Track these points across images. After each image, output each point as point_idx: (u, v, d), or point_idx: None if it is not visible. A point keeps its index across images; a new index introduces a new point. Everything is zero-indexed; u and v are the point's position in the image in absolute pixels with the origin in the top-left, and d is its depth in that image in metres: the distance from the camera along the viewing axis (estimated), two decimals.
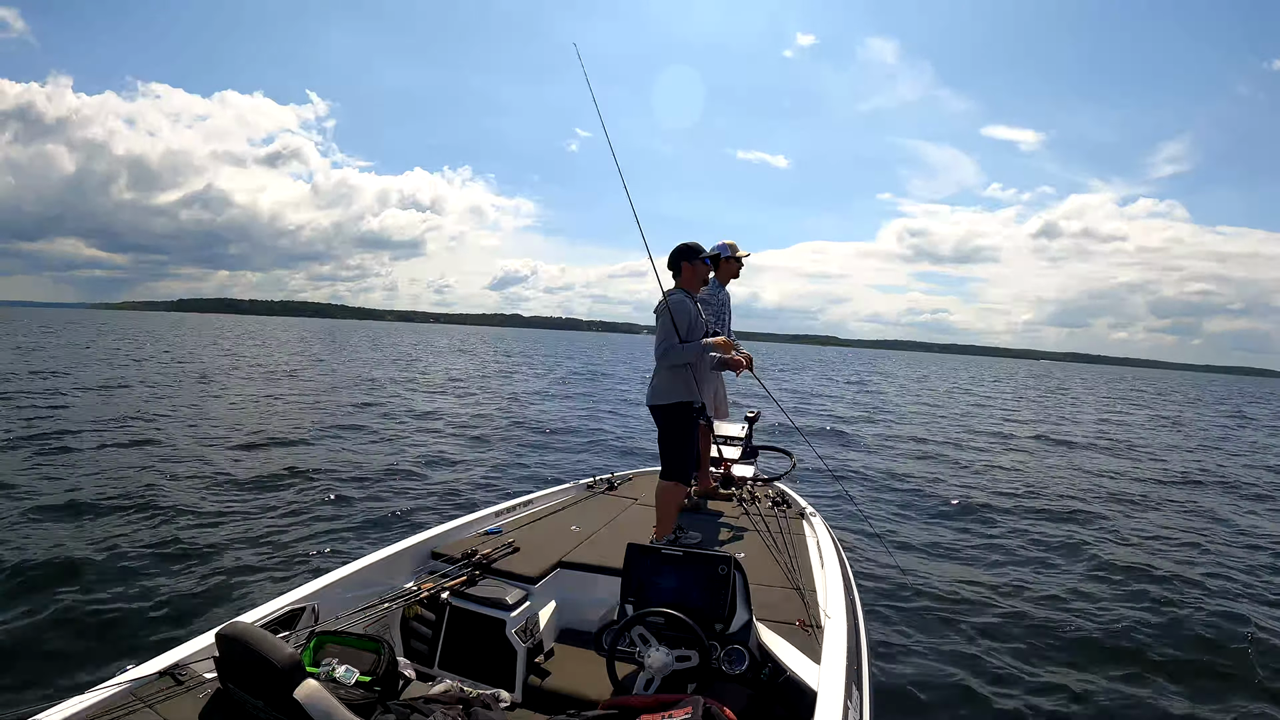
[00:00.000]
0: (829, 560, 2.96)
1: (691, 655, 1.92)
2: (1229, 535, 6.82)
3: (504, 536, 3.13)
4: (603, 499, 4.12)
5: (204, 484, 6.93)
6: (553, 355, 45.62)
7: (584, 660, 2.47)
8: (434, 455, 9.13)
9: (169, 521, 5.61)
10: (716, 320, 4.10)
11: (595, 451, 10.07)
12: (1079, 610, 4.60)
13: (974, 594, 4.81)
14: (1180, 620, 4.48)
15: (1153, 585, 5.10)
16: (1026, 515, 7.11)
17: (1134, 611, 4.61)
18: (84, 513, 5.71)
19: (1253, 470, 11.56)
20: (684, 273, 3.45)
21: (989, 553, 5.75)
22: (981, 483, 8.78)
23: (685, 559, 2.12)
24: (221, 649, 1.60)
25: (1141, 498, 8.54)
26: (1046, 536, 6.34)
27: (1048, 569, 5.42)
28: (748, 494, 4.10)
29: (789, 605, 2.54)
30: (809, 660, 1.99)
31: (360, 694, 1.70)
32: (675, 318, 3.24)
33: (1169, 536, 6.58)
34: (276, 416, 11.83)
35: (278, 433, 10.31)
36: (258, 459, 8.33)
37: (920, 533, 6.26)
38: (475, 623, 2.55)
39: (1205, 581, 5.22)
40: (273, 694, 1.47)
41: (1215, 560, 5.85)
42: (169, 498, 6.33)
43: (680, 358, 3.29)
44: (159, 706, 1.64)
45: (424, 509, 6.44)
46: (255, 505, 6.28)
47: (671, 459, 3.38)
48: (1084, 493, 8.51)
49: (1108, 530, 6.69)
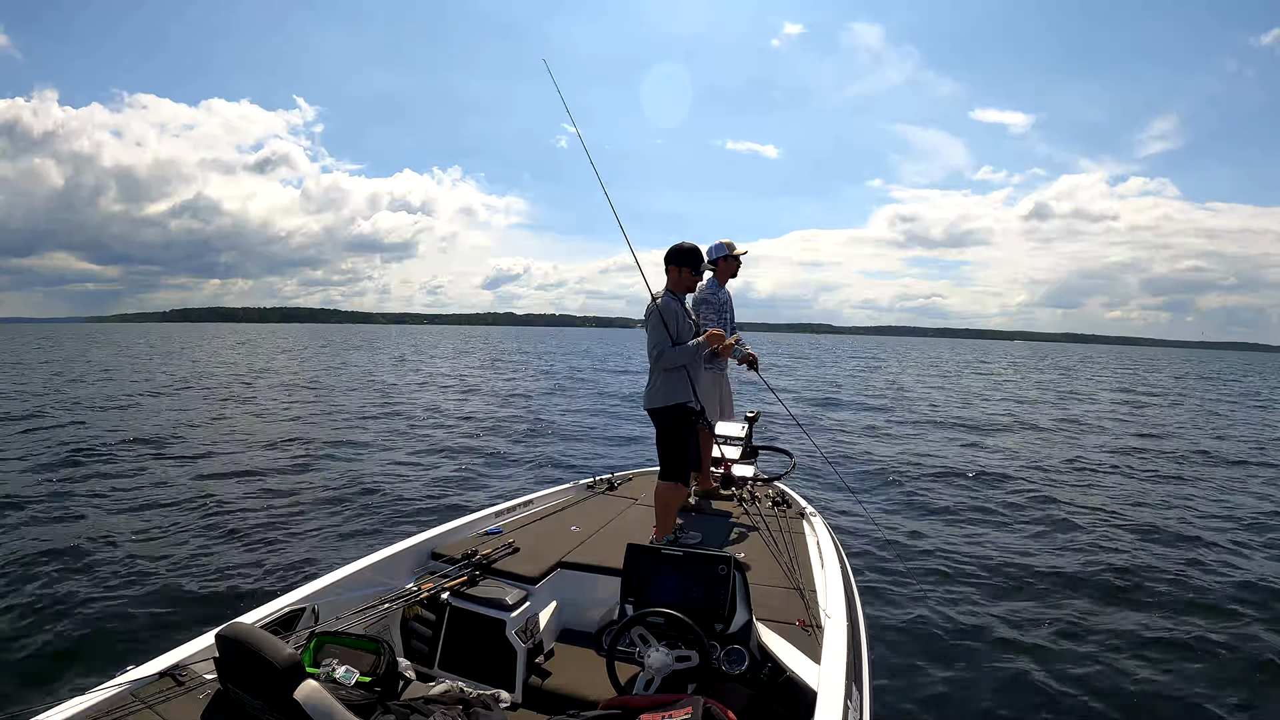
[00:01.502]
0: (829, 560, 2.96)
1: (691, 655, 1.92)
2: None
3: (504, 537, 3.13)
4: (603, 499, 4.12)
5: (204, 485, 6.94)
6: (550, 353, 45.58)
7: (584, 660, 2.47)
8: (434, 455, 9.13)
9: (169, 522, 5.61)
10: (718, 319, 4.10)
11: (595, 451, 10.07)
12: (1080, 610, 4.59)
13: (975, 594, 4.81)
14: (1186, 623, 4.48)
15: (1163, 584, 5.10)
16: (1030, 515, 7.10)
17: (1136, 611, 4.61)
18: (84, 515, 5.71)
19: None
20: (670, 275, 3.46)
21: (990, 553, 5.74)
22: (984, 480, 8.77)
23: (685, 559, 2.12)
24: (221, 649, 1.61)
25: (1170, 497, 8.12)
26: (1049, 536, 6.33)
27: (1050, 568, 5.41)
28: (748, 494, 4.09)
29: (789, 605, 2.54)
30: (809, 660, 1.99)
31: (360, 694, 1.71)
32: (665, 321, 3.25)
33: (1193, 537, 6.41)
34: (276, 419, 11.83)
35: (277, 435, 10.31)
36: (257, 460, 8.34)
37: (921, 532, 6.25)
38: (475, 623, 2.55)
39: (1218, 590, 5.15)
40: (272, 695, 1.47)
41: (1227, 571, 5.82)
42: (169, 500, 6.33)
43: (674, 360, 3.29)
44: (159, 707, 1.64)
45: (424, 509, 6.45)
46: (255, 506, 6.28)
47: (670, 460, 3.38)
48: (1097, 489, 8.45)
49: (1118, 530, 6.64)
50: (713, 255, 4.12)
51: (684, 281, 3.48)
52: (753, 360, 4.21)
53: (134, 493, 6.45)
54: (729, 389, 4.45)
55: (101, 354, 28.14)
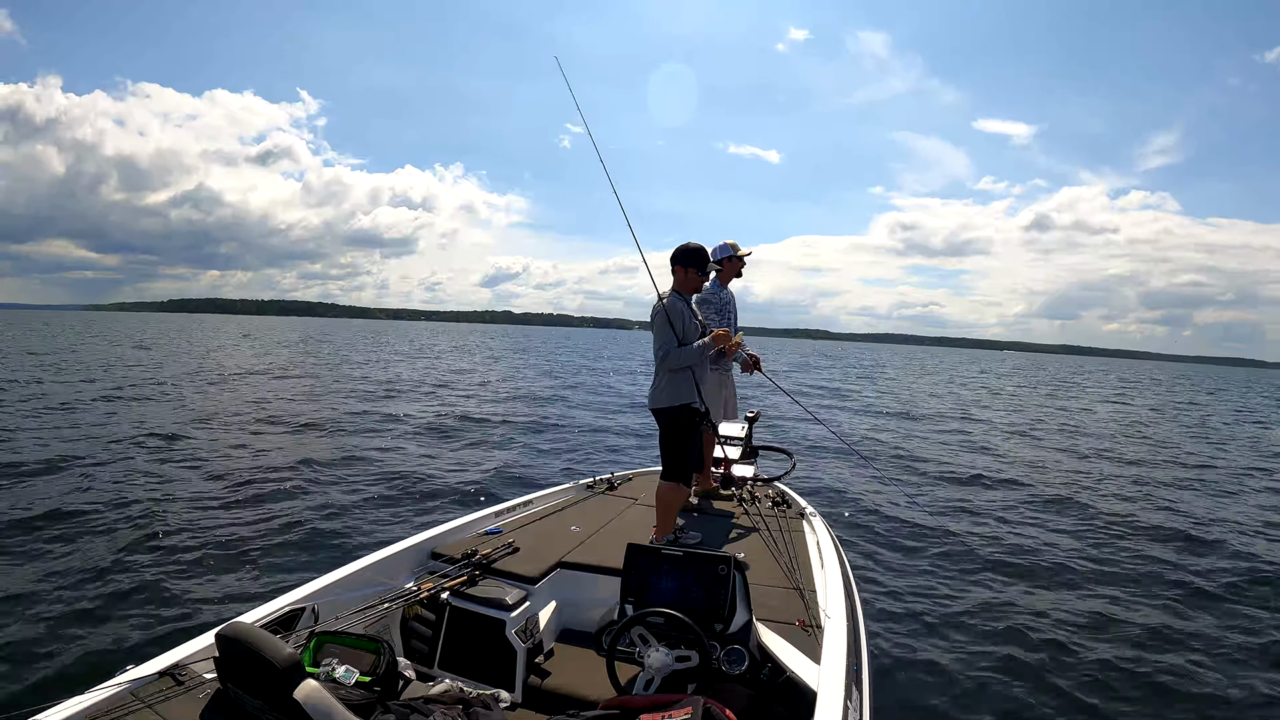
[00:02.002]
0: (829, 560, 2.96)
1: (691, 655, 1.92)
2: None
3: (504, 537, 3.13)
4: (603, 499, 4.12)
5: (203, 484, 6.93)
6: (552, 353, 45.58)
7: (584, 660, 2.47)
8: (433, 455, 9.13)
9: (169, 522, 5.61)
10: (720, 319, 4.11)
11: (595, 451, 10.07)
12: (1082, 610, 4.59)
13: (975, 593, 4.81)
14: (1187, 623, 4.48)
15: (1163, 585, 5.10)
16: (1031, 515, 7.10)
17: (1136, 611, 4.61)
18: (83, 513, 5.71)
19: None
20: (676, 275, 3.47)
21: (990, 552, 5.74)
22: (985, 479, 8.77)
23: (685, 559, 2.12)
24: (221, 649, 1.61)
25: (1175, 502, 8.15)
26: (1050, 537, 6.34)
27: (1052, 569, 5.41)
28: (748, 494, 4.10)
29: (789, 605, 2.54)
30: (809, 660, 1.99)
31: (360, 694, 1.70)
32: (671, 320, 3.25)
33: (1194, 535, 6.43)
34: (275, 418, 11.82)
35: (277, 433, 10.31)
36: (257, 460, 8.33)
37: (921, 532, 6.25)
38: (475, 623, 2.55)
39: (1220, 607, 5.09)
40: (272, 694, 1.47)
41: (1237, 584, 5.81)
42: (168, 498, 6.33)
43: (680, 361, 3.29)
44: (159, 706, 1.64)
45: (424, 509, 6.45)
46: (255, 505, 6.28)
47: (672, 460, 3.39)
48: (1098, 491, 8.47)
49: (1118, 531, 6.66)
50: (717, 256, 4.14)
51: (690, 282, 3.48)
52: (755, 362, 4.21)
53: (132, 492, 6.45)
54: (734, 390, 4.45)
55: (98, 345, 28.12)
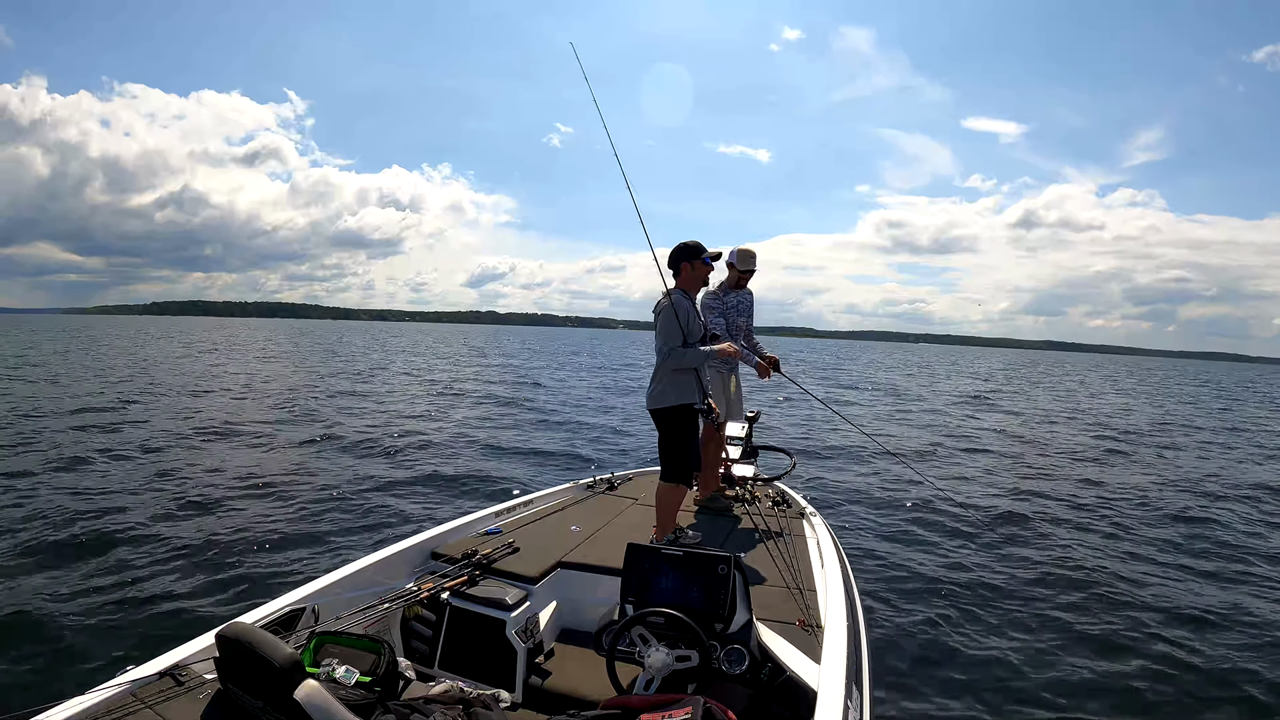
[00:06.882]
0: (829, 560, 2.96)
1: (691, 655, 1.92)
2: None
3: (504, 536, 3.13)
4: (603, 499, 4.12)
5: (203, 485, 6.93)
6: (543, 353, 45.51)
7: (584, 660, 2.47)
8: (433, 456, 9.13)
9: (169, 522, 5.61)
10: (723, 322, 4.12)
11: (595, 451, 10.06)
12: (1082, 610, 4.59)
13: (975, 593, 4.80)
14: (1186, 626, 4.47)
15: (1163, 585, 5.10)
16: (1031, 517, 7.10)
17: (1136, 612, 4.60)
18: (83, 514, 5.71)
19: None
20: (683, 273, 3.43)
21: (990, 552, 5.74)
22: (985, 479, 8.77)
23: (685, 559, 2.12)
24: (221, 649, 1.61)
25: (1172, 503, 7.98)
26: (1050, 538, 6.34)
27: (1053, 570, 5.41)
28: (748, 494, 4.09)
29: (789, 605, 2.54)
30: (809, 660, 1.99)
31: (360, 694, 1.70)
32: (677, 316, 3.24)
33: (1192, 548, 6.30)
34: (275, 418, 11.82)
35: (277, 434, 10.31)
36: (257, 460, 8.34)
37: (921, 533, 6.25)
38: (475, 623, 2.55)
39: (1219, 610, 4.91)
40: (272, 694, 1.47)
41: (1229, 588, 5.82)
42: (168, 499, 6.33)
43: (683, 362, 3.28)
44: (159, 707, 1.64)
45: (424, 509, 6.45)
46: (255, 505, 6.28)
47: (672, 461, 3.38)
48: (1092, 491, 8.47)
49: (1112, 534, 6.65)
50: (731, 259, 4.20)
51: (695, 277, 3.43)
52: (773, 364, 4.21)
53: (131, 491, 6.45)
54: (739, 388, 4.44)
55: (95, 348, 28.12)
